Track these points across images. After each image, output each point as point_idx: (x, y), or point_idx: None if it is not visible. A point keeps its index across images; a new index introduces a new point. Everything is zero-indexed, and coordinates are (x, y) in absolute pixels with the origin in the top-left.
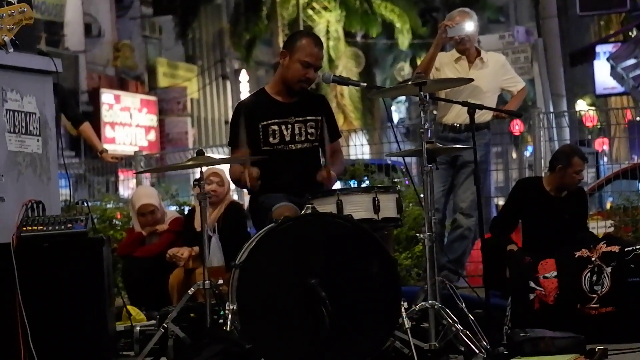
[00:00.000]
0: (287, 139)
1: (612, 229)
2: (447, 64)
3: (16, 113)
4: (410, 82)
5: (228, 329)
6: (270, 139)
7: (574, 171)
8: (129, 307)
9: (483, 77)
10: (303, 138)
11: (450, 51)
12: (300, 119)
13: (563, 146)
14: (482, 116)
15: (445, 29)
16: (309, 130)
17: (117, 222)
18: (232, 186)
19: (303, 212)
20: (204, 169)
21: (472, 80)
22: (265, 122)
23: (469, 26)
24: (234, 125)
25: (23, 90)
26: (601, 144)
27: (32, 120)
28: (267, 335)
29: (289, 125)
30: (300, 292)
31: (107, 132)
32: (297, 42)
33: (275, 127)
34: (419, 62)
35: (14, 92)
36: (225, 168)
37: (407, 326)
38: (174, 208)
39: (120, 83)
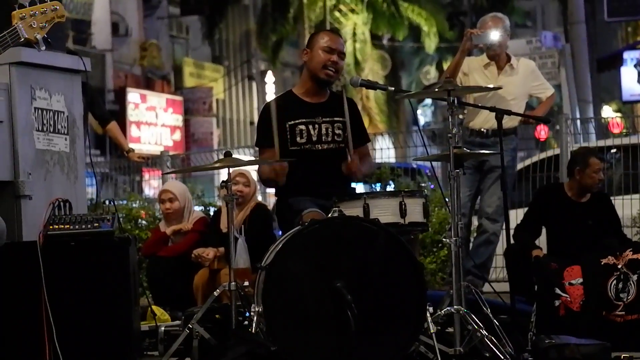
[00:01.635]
0: (314, 139)
1: (638, 237)
2: (476, 69)
3: (44, 111)
4: (438, 87)
5: (253, 330)
6: (298, 139)
7: (593, 171)
8: (153, 307)
9: (512, 83)
10: (330, 139)
11: (480, 56)
12: (328, 119)
13: (578, 149)
14: (509, 122)
15: (470, 36)
16: (336, 132)
17: (142, 222)
18: (259, 187)
19: (330, 215)
20: (231, 170)
21: (500, 88)
22: (292, 122)
23: (494, 35)
24: (262, 125)
25: (52, 89)
26: None
27: (60, 119)
28: (292, 337)
29: (316, 125)
30: (326, 295)
31: (133, 131)
32: (314, 37)
33: (303, 127)
34: (445, 65)
35: (42, 91)
36: (251, 169)
37: (432, 331)
38: (199, 209)
39: (147, 82)
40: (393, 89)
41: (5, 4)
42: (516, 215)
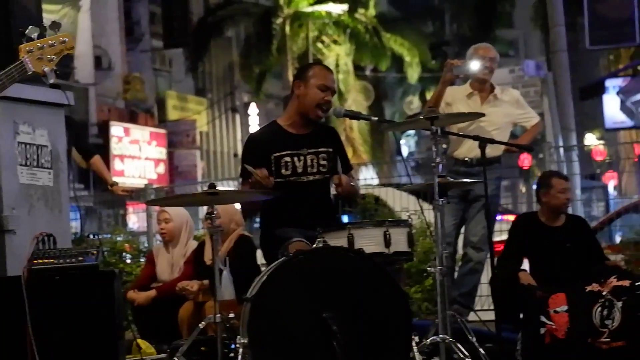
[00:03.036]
0: (300, 170)
1: (622, 264)
2: (459, 99)
3: (28, 146)
4: (421, 117)
5: None
6: (283, 171)
7: (557, 191)
8: (139, 340)
9: (495, 113)
10: (315, 170)
11: (463, 86)
12: (313, 150)
13: (541, 173)
14: (493, 150)
15: (451, 67)
16: (321, 162)
17: (126, 255)
18: (241, 218)
19: (314, 245)
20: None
21: (483, 115)
22: (277, 154)
23: (475, 65)
24: (246, 157)
25: (35, 123)
26: (610, 178)
27: (44, 153)
28: None
29: (302, 157)
30: (312, 326)
31: (117, 164)
32: (310, 70)
33: (288, 159)
34: (428, 95)
35: (26, 125)
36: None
37: None
38: None
39: (130, 116)
40: (377, 119)
41: (10, 36)
42: None
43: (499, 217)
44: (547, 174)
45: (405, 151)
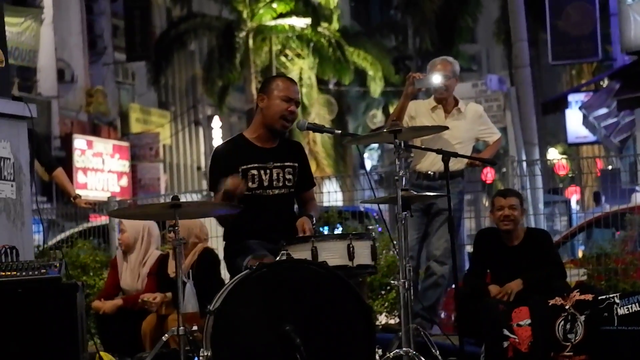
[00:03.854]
0: (266, 184)
1: (585, 278)
2: (423, 113)
3: None
4: (385, 130)
5: None
6: (249, 184)
7: (496, 209)
8: (102, 353)
9: (459, 127)
10: (281, 184)
11: (427, 99)
12: (279, 164)
13: None
14: (456, 164)
15: (412, 80)
16: (287, 176)
17: (89, 268)
18: (206, 231)
19: (278, 258)
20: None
21: (447, 128)
22: (245, 166)
23: (436, 79)
24: (214, 170)
25: None
26: (573, 193)
27: (6, 165)
28: None
29: (268, 171)
30: (275, 339)
31: (80, 177)
32: (272, 83)
33: (255, 172)
34: (391, 109)
35: None
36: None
37: None
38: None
39: (93, 128)
40: (340, 132)
41: None
42: None
43: None
44: (494, 194)
45: (368, 165)
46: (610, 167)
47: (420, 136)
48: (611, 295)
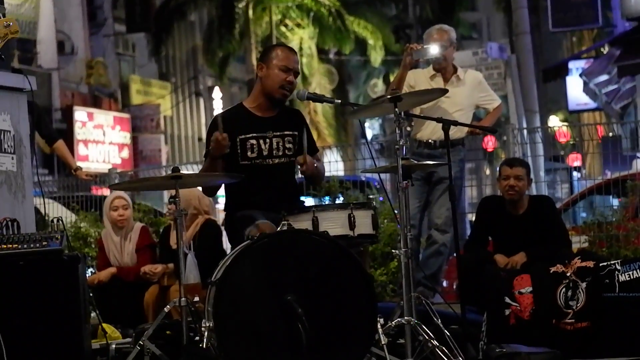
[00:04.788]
0: (265, 153)
1: (586, 245)
2: (422, 82)
3: None
4: (386, 97)
5: (205, 346)
6: (249, 153)
7: (502, 178)
8: (104, 324)
9: (458, 94)
10: (281, 153)
11: (427, 68)
12: (278, 133)
13: None
14: (457, 132)
15: (410, 51)
16: (287, 145)
17: (91, 240)
18: (208, 203)
19: (279, 228)
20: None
21: (446, 91)
22: (243, 136)
23: (434, 49)
24: (208, 138)
25: None
26: (574, 160)
27: (6, 138)
28: (244, 352)
29: (267, 140)
30: (277, 309)
31: (81, 149)
32: (272, 52)
33: (254, 141)
34: (392, 78)
35: None
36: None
37: (383, 342)
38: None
39: (94, 100)
40: (340, 101)
41: None
42: None
43: None
44: (502, 161)
45: (369, 134)
46: (611, 134)
47: (421, 104)
48: (612, 262)
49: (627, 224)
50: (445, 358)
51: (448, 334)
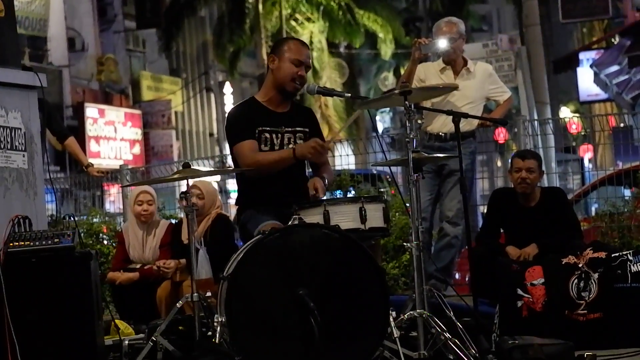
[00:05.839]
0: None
1: (598, 235)
2: (432, 75)
3: (1, 128)
4: (396, 91)
5: (217, 341)
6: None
7: (514, 170)
8: (117, 321)
9: (469, 87)
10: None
11: (437, 61)
12: (290, 129)
13: None
14: (467, 125)
15: (418, 45)
16: (298, 142)
17: (103, 237)
18: (219, 198)
19: (290, 222)
20: (190, 181)
21: (456, 86)
22: (260, 128)
23: (442, 43)
24: (236, 122)
25: (8, 106)
26: (586, 151)
27: (17, 135)
28: (256, 346)
29: (279, 135)
30: (289, 303)
31: (92, 146)
32: (284, 45)
33: (268, 135)
34: (402, 71)
35: None
36: (210, 180)
37: (395, 335)
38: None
39: (105, 97)
40: (350, 95)
41: None
42: None
43: None
44: (514, 153)
45: (380, 127)
46: (622, 125)
47: (431, 97)
48: (624, 253)
49: (639, 215)
50: (457, 350)
51: (460, 326)
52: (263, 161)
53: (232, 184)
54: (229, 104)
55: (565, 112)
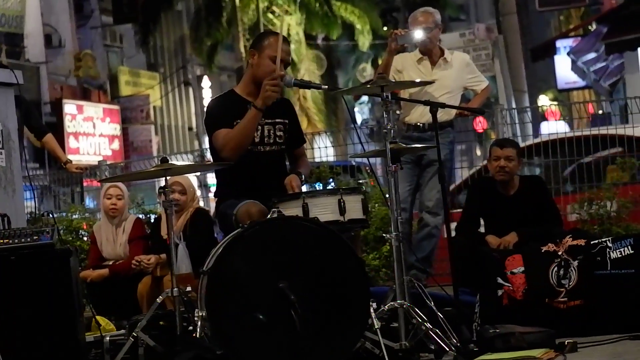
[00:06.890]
0: (257, 140)
1: (578, 223)
2: (410, 65)
3: None
4: (370, 85)
5: (198, 335)
6: None
7: (492, 159)
8: (98, 317)
9: (446, 77)
10: (272, 140)
11: (413, 51)
12: (270, 121)
13: None
14: (445, 115)
15: (394, 37)
16: (278, 133)
17: (83, 233)
18: (198, 193)
19: (269, 215)
20: (169, 177)
21: (431, 82)
22: (239, 121)
23: (418, 34)
24: (214, 114)
25: None
26: None
27: None
28: (237, 340)
29: (259, 127)
30: (269, 296)
31: (71, 142)
32: (265, 40)
33: None
34: (380, 62)
35: None
36: (190, 176)
37: (377, 326)
38: (140, 216)
39: (83, 93)
40: (327, 87)
41: None
42: None
43: None
44: (493, 142)
45: (359, 119)
46: (600, 112)
47: (407, 88)
48: (603, 240)
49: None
50: (439, 340)
51: (441, 316)
52: (235, 133)
53: (211, 178)
54: (207, 97)
55: (544, 100)
